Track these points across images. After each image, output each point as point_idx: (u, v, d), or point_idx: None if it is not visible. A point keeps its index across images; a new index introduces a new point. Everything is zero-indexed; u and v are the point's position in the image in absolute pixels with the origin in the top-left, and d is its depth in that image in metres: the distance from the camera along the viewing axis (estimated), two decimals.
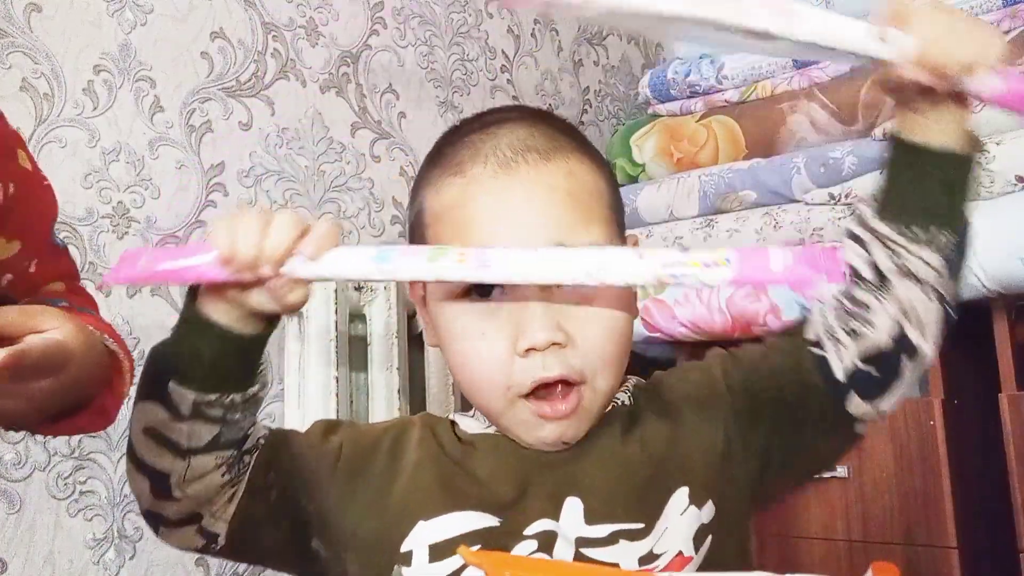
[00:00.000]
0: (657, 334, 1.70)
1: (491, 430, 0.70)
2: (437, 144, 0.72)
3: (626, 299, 0.67)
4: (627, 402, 0.71)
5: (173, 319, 1.32)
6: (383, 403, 1.30)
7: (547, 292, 0.64)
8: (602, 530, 0.62)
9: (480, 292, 0.65)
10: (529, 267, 0.57)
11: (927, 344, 0.65)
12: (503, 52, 1.85)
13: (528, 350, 0.63)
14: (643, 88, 1.94)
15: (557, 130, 0.70)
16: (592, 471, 0.66)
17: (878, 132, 1.52)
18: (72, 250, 1.21)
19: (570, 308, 0.65)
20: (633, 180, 1.88)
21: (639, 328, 1.69)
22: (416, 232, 0.71)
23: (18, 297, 0.73)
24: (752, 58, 1.78)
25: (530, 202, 0.65)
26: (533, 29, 1.93)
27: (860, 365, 0.63)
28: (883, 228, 0.61)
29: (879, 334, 0.62)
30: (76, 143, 1.24)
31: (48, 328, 0.59)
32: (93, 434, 1.20)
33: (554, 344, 0.63)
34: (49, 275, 0.77)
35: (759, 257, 0.54)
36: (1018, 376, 1.40)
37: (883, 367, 0.64)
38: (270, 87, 1.46)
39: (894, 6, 0.59)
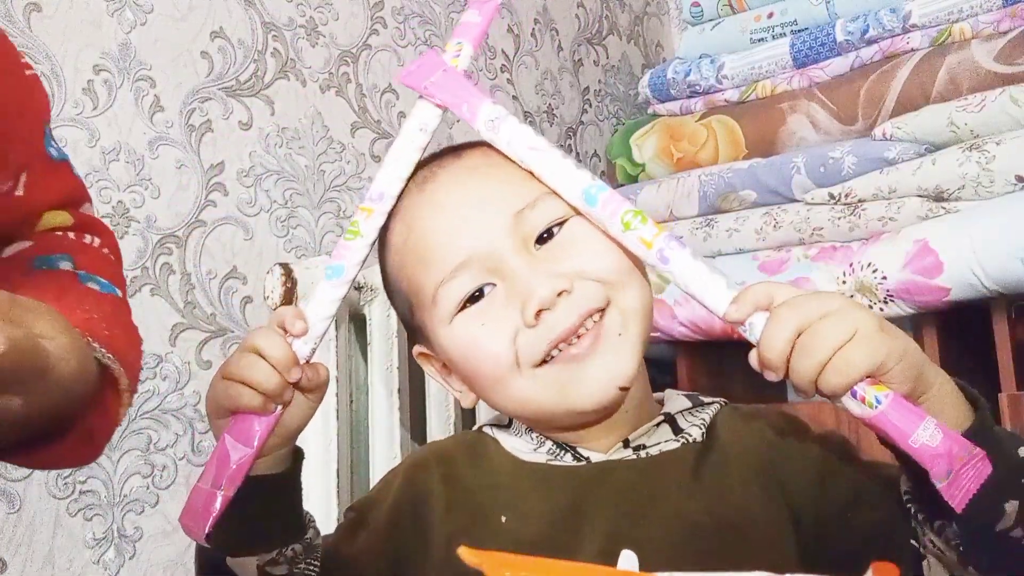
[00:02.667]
0: (657, 334, 1.70)
1: (538, 455, 0.64)
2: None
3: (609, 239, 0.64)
4: (700, 438, 0.65)
5: (173, 319, 1.31)
6: (383, 403, 1.30)
7: (529, 259, 0.61)
8: None
9: (472, 299, 0.62)
10: None
11: None
12: (503, 52, 1.85)
13: (539, 313, 0.59)
14: (643, 88, 1.94)
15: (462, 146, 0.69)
16: (651, 525, 0.60)
17: (878, 132, 1.52)
18: None
19: (559, 256, 0.62)
20: (633, 180, 1.88)
21: None
22: (398, 301, 0.69)
23: (6, 230, 0.58)
24: (752, 58, 1.78)
25: (463, 189, 0.64)
26: (533, 29, 1.93)
27: None
28: (908, 507, 0.58)
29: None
30: (76, 143, 1.24)
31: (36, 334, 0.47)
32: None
33: (562, 293, 0.59)
34: (45, 198, 0.61)
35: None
36: (1018, 376, 1.40)
37: None
38: (270, 87, 1.46)
39: (758, 289, 0.54)
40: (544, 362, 0.61)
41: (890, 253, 1.43)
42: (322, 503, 1.15)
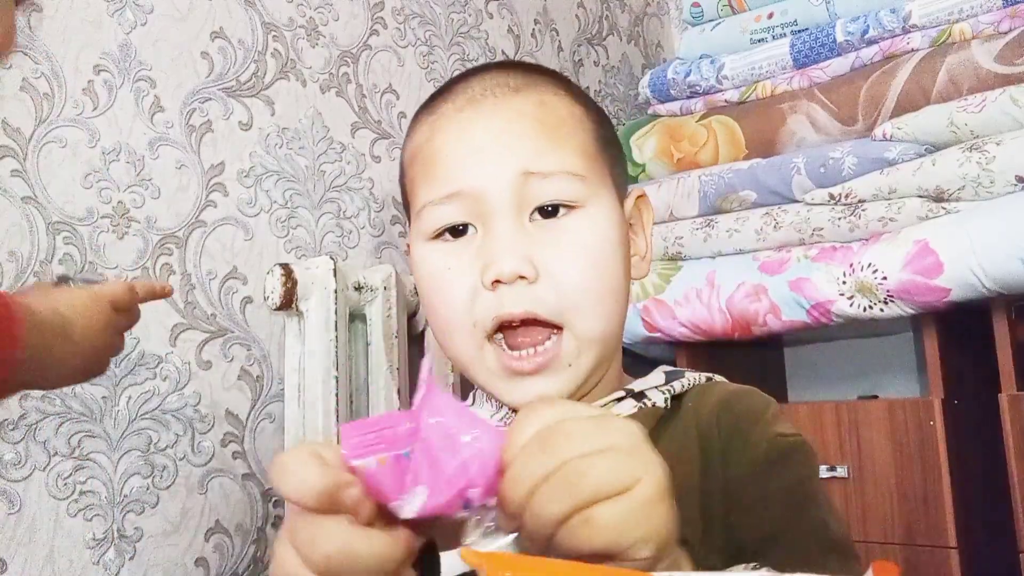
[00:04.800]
0: (657, 334, 1.70)
1: (492, 421, 0.64)
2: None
3: (612, 239, 0.62)
4: (661, 403, 0.62)
5: (173, 319, 1.31)
6: (383, 403, 1.30)
7: (516, 224, 0.60)
8: None
9: (452, 232, 0.62)
10: None
11: None
12: (503, 52, 1.85)
13: (495, 282, 0.58)
14: (643, 88, 1.94)
15: (538, 71, 0.67)
16: None
17: (878, 132, 1.52)
18: (72, 250, 1.22)
19: (544, 240, 0.60)
20: (633, 180, 1.88)
21: (639, 328, 1.70)
22: (401, 187, 0.69)
23: None
24: (752, 58, 1.78)
25: (491, 129, 0.62)
26: (533, 29, 1.93)
27: None
28: None
29: None
30: (76, 143, 1.24)
31: None
32: (93, 434, 1.20)
33: (521, 278, 0.58)
34: None
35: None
36: (1018, 376, 1.40)
37: None
38: (270, 87, 1.46)
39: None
40: (491, 337, 0.60)
41: (890, 253, 1.43)
42: None
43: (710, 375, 0.67)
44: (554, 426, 0.40)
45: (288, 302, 1.27)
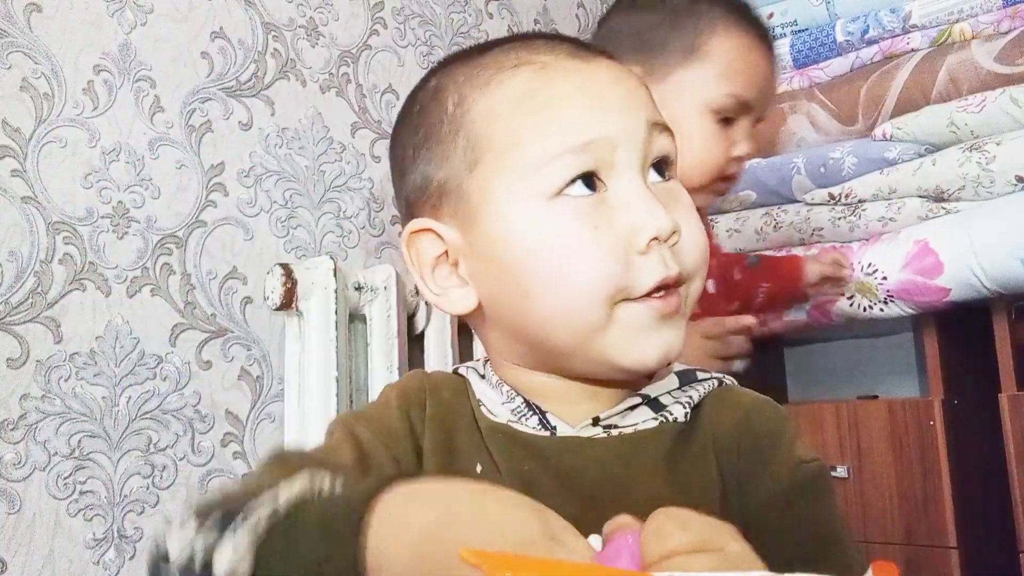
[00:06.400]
0: None
1: (504, 410, 0.59)
2: (457, 57, 0.62)
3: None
4: (683, 418, 0.58)
5: (174, 319, 1.30)
6: None
7: (647, 183, 0.56)
8: None
9: (586, 183, 0.54)
10: None
11: None
12: None
13: (652, 240, 0.53)
14: None
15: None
16: (622, 511, 0.50)
17: (878, 132, 1.52)
18: (72, 250, 1.22)
19: (666, 200, 0.56)
20: None
21: None
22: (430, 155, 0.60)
23: None
24: None
25: (619, 82, 0.58)
26: (533, 29, 1.93)
27: None
28: None
29: None
30: (76, 143, 1.24)
31: None
32: (93, 434, 1.20)
33: (675, 233, 0.54)
34: None
35: None
36: (1018, 376, 1.40)
37: None
38: (270, 87, 1.46)
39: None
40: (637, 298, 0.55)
41: (890, 253, 1.43)
42: None
43: (720, 377, 0.64)
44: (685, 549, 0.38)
45: (288, 302, 1.27)
